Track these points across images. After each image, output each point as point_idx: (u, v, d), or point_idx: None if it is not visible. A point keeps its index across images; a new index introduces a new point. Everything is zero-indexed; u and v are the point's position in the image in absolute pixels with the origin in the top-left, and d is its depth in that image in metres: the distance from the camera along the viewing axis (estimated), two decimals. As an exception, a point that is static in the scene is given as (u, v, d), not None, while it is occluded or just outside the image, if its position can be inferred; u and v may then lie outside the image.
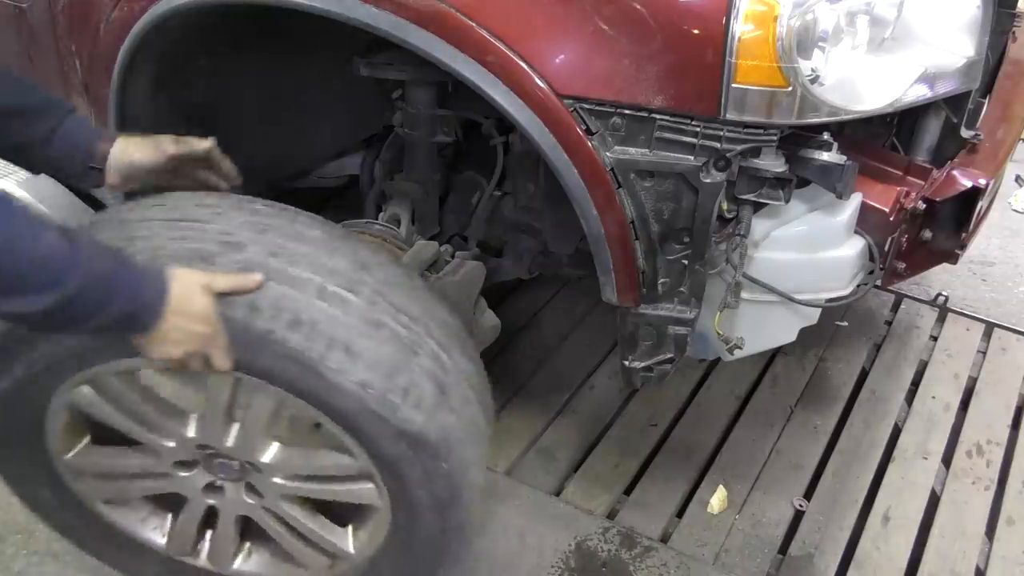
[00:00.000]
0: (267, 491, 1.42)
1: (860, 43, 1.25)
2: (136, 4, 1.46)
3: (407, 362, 1.25)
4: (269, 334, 1.16)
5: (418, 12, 1.24)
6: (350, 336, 1.20)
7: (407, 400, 1.24)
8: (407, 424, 1.24)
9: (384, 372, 1.22)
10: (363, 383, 1.21)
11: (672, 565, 1.80)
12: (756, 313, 1.43)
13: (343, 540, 1.48)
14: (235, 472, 1.41)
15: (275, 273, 1.19)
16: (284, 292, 1.18)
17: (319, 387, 1.20)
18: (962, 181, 1.48)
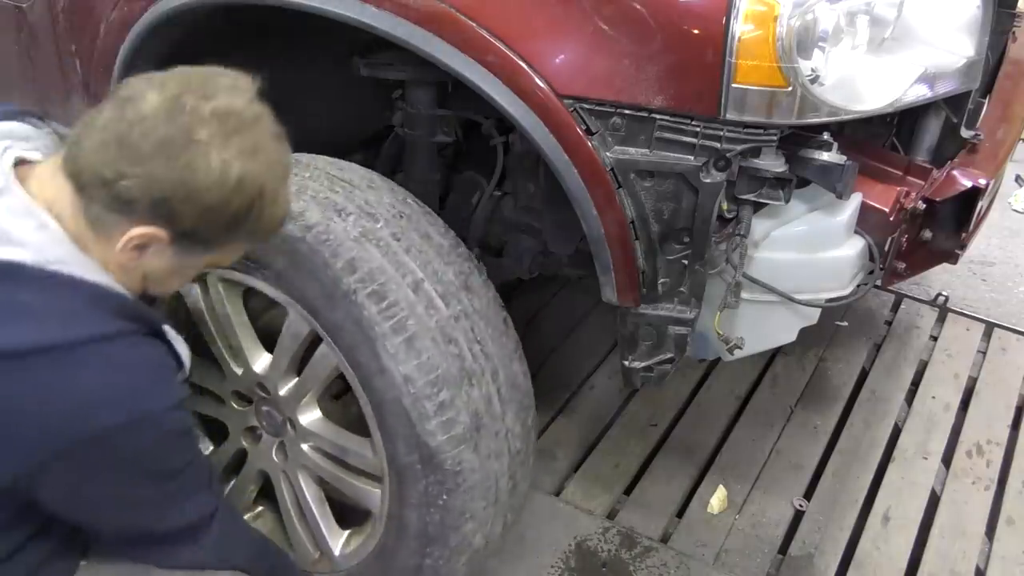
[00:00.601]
0: (293, 456, 1.50)
1: (860, 43, 1.25)
2: (136, 4, 1.46)
3: (457, 385, 1.29)
4: (351, 293, 1.25)
5: (418, 12, 1.24)
6: (419, 333, 1.27)
7: (439, 415, 1.28)
8: (428, 436, 1.28)
9: (431, 380, 1.27)
10: (408, 378, 1.26)
11: (672, 565, 1.80)
12: (756, 313, 1.43)
13: (335, 540, 1.54)
14: (275, 425, 1.51)
15: (387, 252, 1.28)
16: (385, 268, 1.27)
17: (370, 363, 1.27)
18: (962, 181, 1.48)
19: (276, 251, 1.30)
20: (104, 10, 1.52)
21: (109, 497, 1.09)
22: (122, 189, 0.98)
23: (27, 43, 1.72)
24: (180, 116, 0.99)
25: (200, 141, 0.99)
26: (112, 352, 1.01)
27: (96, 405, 0.99)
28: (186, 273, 1.16)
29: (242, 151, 1.01)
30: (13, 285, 0.98)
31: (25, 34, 1.71)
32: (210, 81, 1.03)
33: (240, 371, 1.49)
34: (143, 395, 1.03)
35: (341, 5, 1.28)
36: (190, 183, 0.99)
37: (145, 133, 0.98)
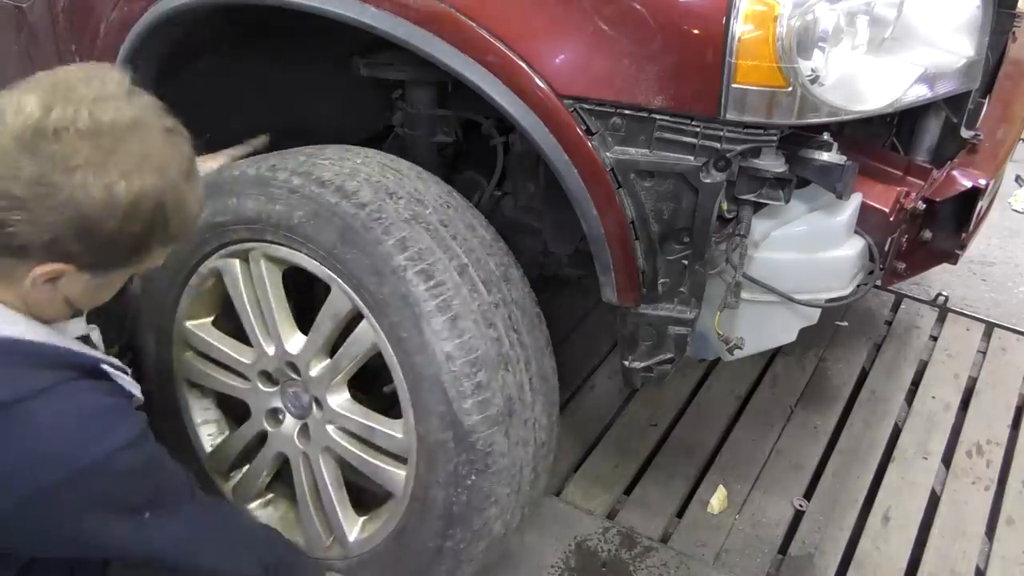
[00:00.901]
0: (317, 437, 1.52)
1: (860, 43, 1.25)
2: (136, 4, 1.46)
3: (495, 368, 1.33)
4: (401, 270, 1.29)
5: (418, 12, 1.24)
6: (462, 314, 1.31)
7: (475, 395, 1.31)
8: (463, 415, 1.32)
9: (471, 360, 1.31)
10: (449, 356, 1.30)
11: (672, 565, 1.80)
12: (756, 313, 1.43)
13: (351, 526, 1.55)
14: (301, 407, 1.53)
15: (436, 235, 1.33)
16: (434, 249, 1.31)
17: (413, 339, 1.31)
18: (962, 181, 1.48)
19: (326, 227, 1.33)
20: (104, 10, 1.52)
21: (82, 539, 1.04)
22: (9, 238, 0.92)
23: (27, 43, 1.72)
24: (46, 145, 0.90)
25: (76, 168, 0.90)
26: (44, 409, 0.95)
27: (33, 466, 0.94)
28: (110, 289, 1.09)
29: (126, 169, 0.93)
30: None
31: (25, 34, 1.71)
32: (72, 92, 0.93)
33: (272, 350, 1.50)
34: (81, 446, 0.97)
35: (341, 5, 1.29)
36: (77, 220, 0.91)
37: (16, 175, 0.89)
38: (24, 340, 0.97)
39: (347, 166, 1.38)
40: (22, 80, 0.95)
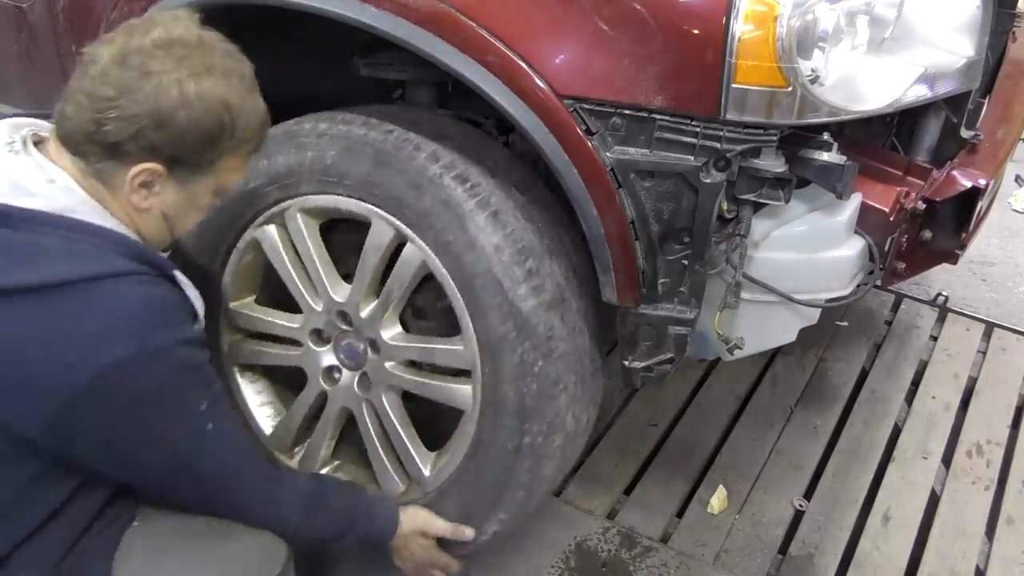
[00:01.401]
0: (377, 379, 1.56)
1: (860, 43, 1.26)
2: (136, 4, 1.46)
3: (542, 256, 1.39)
4: (437, 177, 1.36)
5: (418, 12, 1.24)
6: (503, 209, 1.37)
7: (529, 281, 1.37)
8: (521, 301, 1.37)
9: (519, 249, 1.37)
10: (497, 247, 1.35)
11: (672, 565, 1.80)
12: (756, 313, 1.43)
13: (425, 462, 1.58)
14: (356, 357, 1.57)
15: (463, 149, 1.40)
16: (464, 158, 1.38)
17: (459, 240, 1.36)
18: (962, 181, 1.48)
19: (359, 157, 1.40)
20: (104, 10, 1.52)
21: (138, 441, 1.13)
22: (105, 135, 1.09)
23: (27, 43, 1.72)
24: (131, 57, 1.09)
25: (153, 72, 1.08)
26: (121, 289, 1.07)
27: (107, 338, 1.04)
28: (199, 204, 1.22)
29: (194, 72, 1.10)
30: (29, 229, 1.06)
31: (25, 34, 1.71)
32: (150, 22, 1.13)
33: (320, 306, 1.55)
34: (153, 329, 1.07)
35: (341, 5, 1.29)
36: (157, 111, 1.08)
37: (107, 82, 1.08)
38: (119, 232, 1.13)
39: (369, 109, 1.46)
40: None
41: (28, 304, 1.02)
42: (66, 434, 1.07)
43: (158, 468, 1.17)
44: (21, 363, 1.02)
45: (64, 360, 1.02)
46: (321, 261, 1.53)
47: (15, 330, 1.02)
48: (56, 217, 1.08)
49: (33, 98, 1.82)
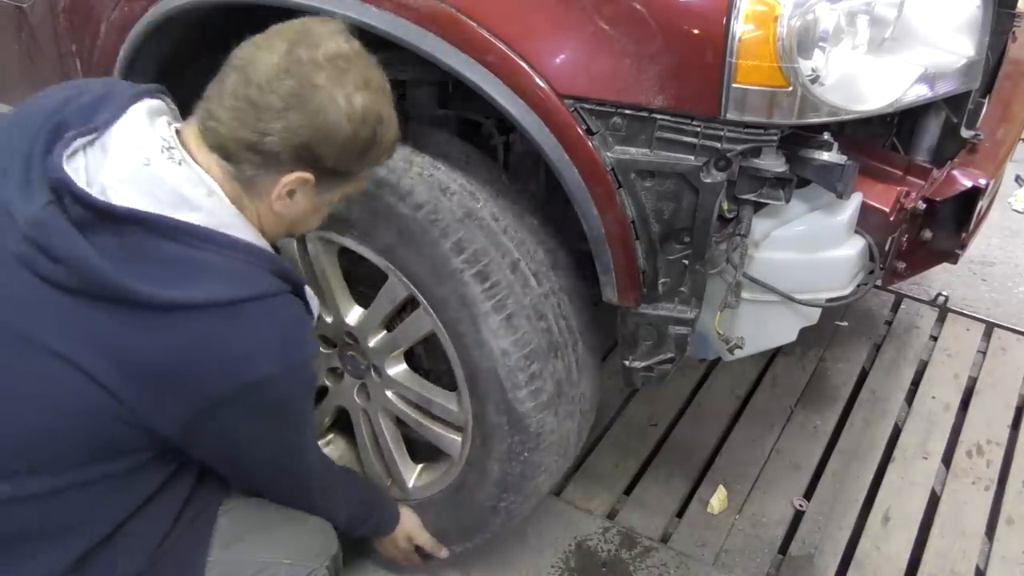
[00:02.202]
0: (375, 398, 1.62)
1: (860, 43, 1.25)
2: (137, 4, 1.46)
3: (546, 358, 1.43)
4: (458, 272, 1.36)
5: (418, 12, 1.24)
6: (516, 312, 1.38)
7: (529, 385, 1.41)
8: (518, 404, 1.42)
9: (525, 354, 1.40)
10: (504, 352, 1.39)
11: (672, 565, 1.80)
12: (756, 313, 1.43)
13: (409, 473, 1.69)
14: (359, 369, 1.62)
15: (489, 233, 1.38)
16: (488, 249, 1.37)
17: (470, 336, 1.39)
18: (962, 181, 1.48)
19: (385, 225, 1.39)
20: (104, 10, 1.52)
21: (257, 442, 1.22)
22: (267, 146, 1.10)
23: (27, 43, 1.72)
24: (298, 68, 1.09)
25: (321, 86, 1.10)
26: (272, 309, 1.14)
27: (259, 354, 1.11)
28: (324, 210, 1.28)
29: (357, 85, 1.12)
30: (192, 245, 1.09)
31: (25, 34, 1.71)
32: (310, 31, 1.14)
33: (330, 319, 1.58)
34: (296, 347, 1.16)
35: (341, 5, 1.29)
36: (323, 125, 1.10)
37: (273, 90, 1.09)
38: (267, 251, 1.18)
39: (398, 156, 1.40)
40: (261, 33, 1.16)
41: (187, 319, 1.07)
42: (196, 433, 1.14)
43: (262, 464, 1.28)
44: (172, 372, 1.08)
45: (214, 373, 1.09)
46: (336, 286, 1.55)
47: (173, 342, 1.07)
48: (217, 235, 1.11)
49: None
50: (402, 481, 1.68)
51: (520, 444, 1.47)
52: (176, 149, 1.12)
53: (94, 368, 1.06)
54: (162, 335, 1.07)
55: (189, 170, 1.11)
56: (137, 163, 1.09)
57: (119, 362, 1.06)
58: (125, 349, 1.07)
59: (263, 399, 1.15)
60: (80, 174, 1.08)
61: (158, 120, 1.16)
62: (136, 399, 1.08)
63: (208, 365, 1.09)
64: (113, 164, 1.09)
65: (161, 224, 1.07)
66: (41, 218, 1.03)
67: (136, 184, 1.08)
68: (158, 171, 1.09)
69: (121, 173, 1.09)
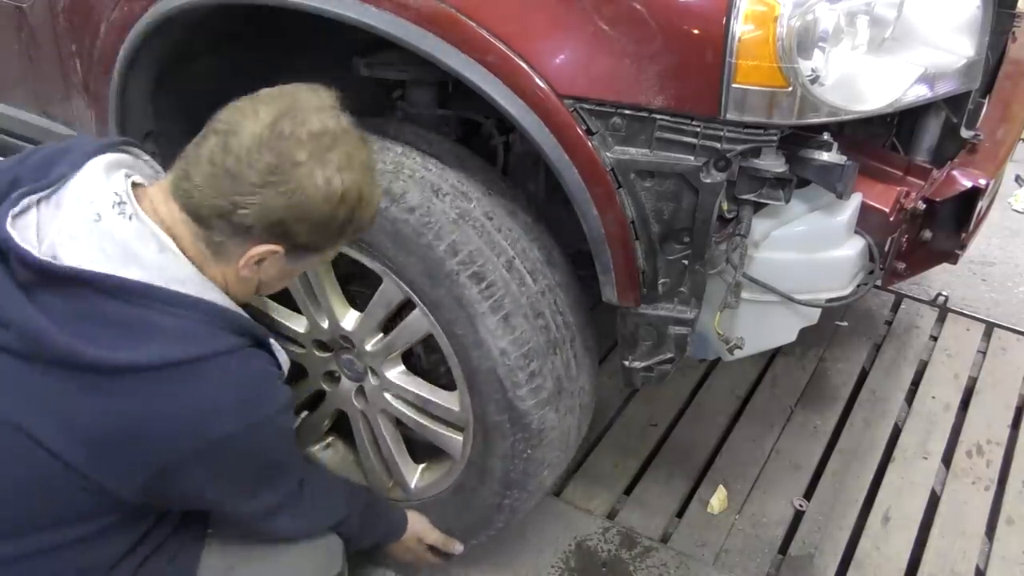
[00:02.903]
0: (373, 401, 1.62)
1: (860, 43, 1.25)
2: (136, 4, 1.46)
3: (545, 355, 1.42)
4: (454, 274, 1.35)
5: (418, 12, 1.24)
6: (513, 311, 1.38)
7: (529, 383, 1.41)
8: (519, 402, 1.42)
9: (523, 352, 1.39)
10: (503, 351, 1.38)
11: (672, 565, 1.80)
12: (756, 313, 1.43)
13: (411, 474, 1.69)
14: (356, 372, 1.61)
15: (483, 232, 1.37)
16: (483, 250, 1.36)
17: (468, 337, 1.38)
18: (962, 181, 1.48)
19: (379, 230, 1.37)
20: (104, 10, 1.52)
21: (228, 492, 1.20)
22: (240, 218, 1.08)
23: (27, 43, 1.72)
24: (280, 143, 1.07)
25: (301, 163, 1.08)
26: (229, 366, 1.10)
27: (215, 415, 1.08)
28: (294, 274, 1.27)
29: (339, 165, 1.10)
30: (140, 304, 1.06)
31: (25, 34, 1.71)
32: (298, 103, 1.12)
33: (325, 325, 1.57)
34: (256, 404, 1.13)
35: (341, 5, 1.29)
36: (300, 205, 1.09)
37: (251, 164, 1.06)
38: (221, 306, 1.13)
39: (390, 160, 1.40)
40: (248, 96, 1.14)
41: (139, 381, 1.04)
42: (161, 490, 1.11)
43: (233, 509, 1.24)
44: (128, 436, 1.05)
45: (173, 434, 1.07)
46: (331, 291, 1.53)
47: (124, 406, 1.05)
48: (165, 293, 1.08)
49: (33, 98, 1.82)
50: (404, 482, 1.68)
51: (522, 441, 1.47)
52: (127, 203, 1.09)
53: (46, 436, 1.04)
54: (114, 399, 1.04)
55: (140, 225, 1.08)
56: (88, 218, 1.07)
57: (72, 429, 1.04)
58: (76, 414, 1.04)
59: (226, 455, 1.12)
60: (31, 231, 1.06)
61: (115, 174, 1.13)
62: (92, 466, 1.06)
63: (164, 426, 1.06)
64: (65, 220, 1.07)
65: (106, 284, 1.04)
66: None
67: (86, 240, 1.06)
68: (108, 226, 1.07)
69: (71, 229, 1.06)
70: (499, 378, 1.40)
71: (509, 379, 1.40)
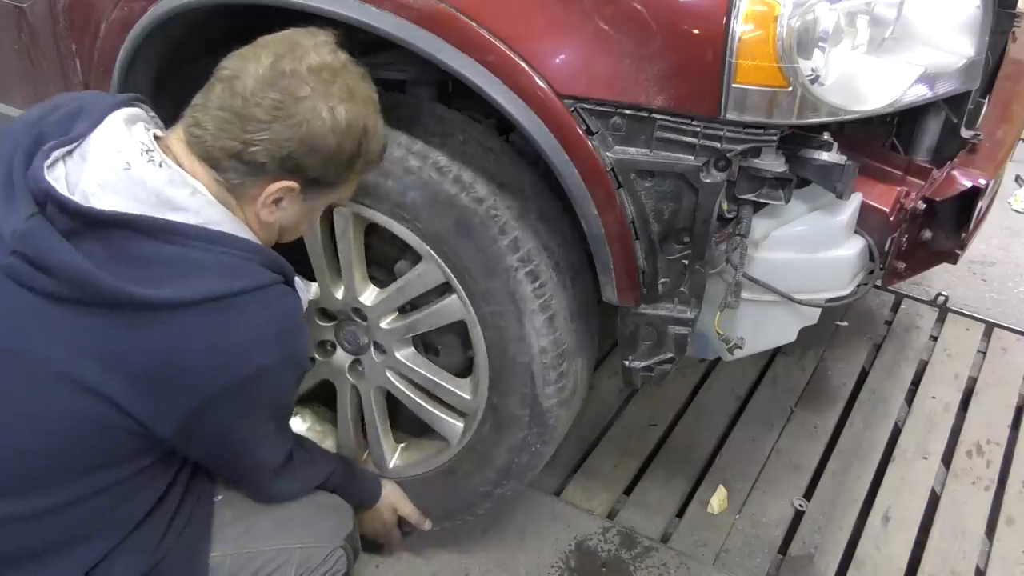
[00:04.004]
0: (372, 376, 1.63)
1: (860, 43, 1.25)
2: (136, 4, 1.46)
3: (574, 357, 1.48)
4: (512, 270, 1.38)
5: (419, 12, 1.24)
6: (558, 312, 1.42)
7: (558, 383, 1.46)
8: (545, 399, 1.47)
9: (559, 352, 1.44)
10: (543, 350, 1.42)
11: (672, 565, 1.80)
12: (756, 313, 1.43)
13: (390, 452, 1.71)
14: (357, 346, 1.62)
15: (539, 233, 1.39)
16: (539, 249, 1.39)
17: (511, 331, 1.42)
18: (962, 181, 1.48)
19: (442, 213, 1.38)
20: (104, 10, 1.52)
21: (249, 434, 1.24)
22: (252, 155, 1.12)
23: (27, 43, 1.72)
24: (283, 80, 1.11)
25: (306, 97, 1.11)
26: (266, 300, 1.15)
27: (256, 346, 1.13)
28: (314, 216, 1.31)
29: (342, 97, 1.14)
30: (180, 243, 1.10)
31: (25, 34, 1.70)
32: (297, 43, 1.16)
33: (340, 295, 1.56)
34: (290, 336, 1.18)
35: (341, 5, 1.29)
36: (308, 137, 1.12)
37: (258, 103, 1.10)
38: (255, 243, 1.18)
39: (456, 148, 1.40)
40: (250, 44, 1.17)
41: (183, 316, 1.08)
42: (192, 430, 1.15)
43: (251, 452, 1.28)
44: (172, 370, 1.09)
45: (214, 367, 1.11)
46: (356, 263, 1.53)
47: (170, 341, 1.08)
48: (204, 231, 1.11)
49: (34, 98, 1.82)
50: (381, 459, 1.70)
51: (536, 436, 1.51)
52: (155, 151, 1.12)
53: (92, 378, 1.06)
54: (160, 334, 1.07)
55: (171, 171, 1.12)
56: (118, 167, 1.09)
57: (117, 367, 1.07)
58: (123, 353, 1.07)
59: (260, 390, 1.16)
60: (61, 183, 1.08)
61: (135, 126, 1.16)
62: (136, 403, 1.08)
63: (207, 360, 1.10)
64: (93, 170, 1.09)
65: (148, 225, 1.08)
66: (27, 229, 1.03)
67: (118, 188, 1.08)
68: (139, 174, 1.09)
69: (102, 178, 1.09)
70: (532, 374, 1.44)
71: (542, 376, 1.44)
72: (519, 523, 1.86)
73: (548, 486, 1.96)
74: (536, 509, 1.89)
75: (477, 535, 1.82)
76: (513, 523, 1.86)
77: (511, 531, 1.84)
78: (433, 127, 1.43)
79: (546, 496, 1.93)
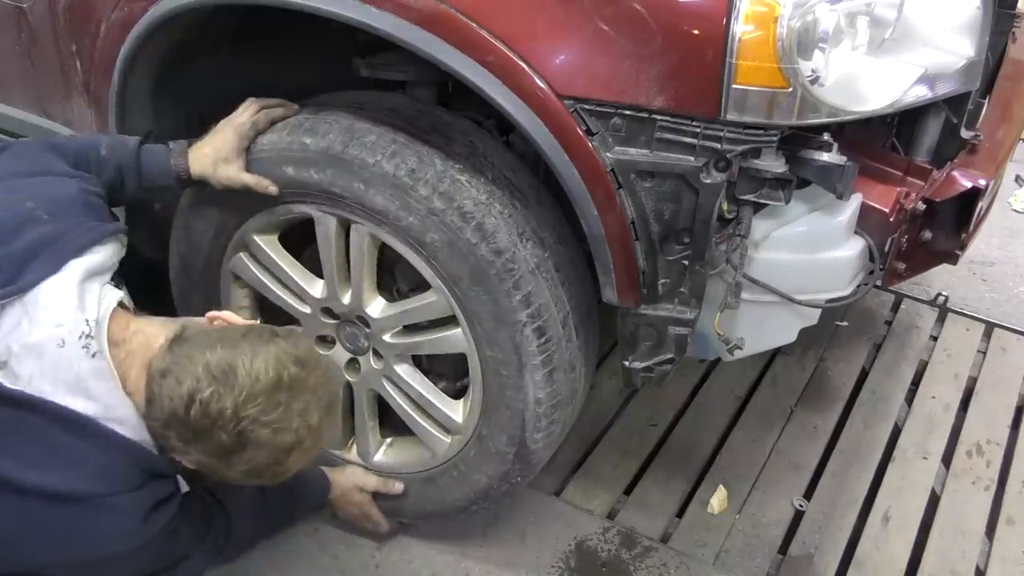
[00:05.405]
0: (367, 379, 1.63)
1: (860, 44, 1.25)
2: (137, 4, 1.46)
3: (567, 404, 1.51)
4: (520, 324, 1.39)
5: (419, 13, 1.24)
6: (559, 366, 1.44)
7: (547, 429, 1.50)
8: (532, 443, 1.51)
9: (553, 404, 1.47)
10: (538, 400, 1.46)
11: (672, 565, 1.80)
12: (756, 313, 1.43)
13: (375, 448, 1.73)
14: (356, 347, 1.62)
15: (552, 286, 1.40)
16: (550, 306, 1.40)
17: (510, 379, 1.44)
18: (962, 182, 1.48)
19: (460, 260, 1.38)
20: (104, 10, 1.52)
21: None
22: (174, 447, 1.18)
23: (27, 43, 1.72)
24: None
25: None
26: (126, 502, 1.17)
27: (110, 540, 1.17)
28: None
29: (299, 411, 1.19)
30: (76, 435, 1.13)
31: (25, 34, 1.70)
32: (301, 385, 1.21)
33: (347, 301, 1.56)
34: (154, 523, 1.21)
35: (341, 5, 1.28)
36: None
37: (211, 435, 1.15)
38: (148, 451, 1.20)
39: (482, 187, 1.38)
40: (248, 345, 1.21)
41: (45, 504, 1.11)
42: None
43: None
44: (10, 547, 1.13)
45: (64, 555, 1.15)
46: (367, 278, 1.52)
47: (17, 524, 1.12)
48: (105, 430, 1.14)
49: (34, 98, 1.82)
50: (366, 452, 1.72)
51: (518, 472, 1.56)
52: (95, 340, 1.14)
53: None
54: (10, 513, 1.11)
55: (101, 363, 1.14)
56: (52, 340, 1.11)
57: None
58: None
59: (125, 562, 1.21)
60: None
61: (90, 293, 1.17)
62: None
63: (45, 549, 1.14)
64: (27, 332, 1.11)
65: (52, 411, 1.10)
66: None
67: (41, 359, 1.10)
68: (68, 356, 1.11)
69: (32, 341, 1.10)
70: (524, 420, 1.48)
71: (533, 423, 1.48)
72: (519, 523, 1.86)
73: (548, 486, 1.96)
74: (536, 509, 1.89)
75: (477, 535, 1.82)
76: (513, 523, 1.86)
77: (511, 531, 1.84)
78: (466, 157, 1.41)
79: (546, 496, 1.93)
